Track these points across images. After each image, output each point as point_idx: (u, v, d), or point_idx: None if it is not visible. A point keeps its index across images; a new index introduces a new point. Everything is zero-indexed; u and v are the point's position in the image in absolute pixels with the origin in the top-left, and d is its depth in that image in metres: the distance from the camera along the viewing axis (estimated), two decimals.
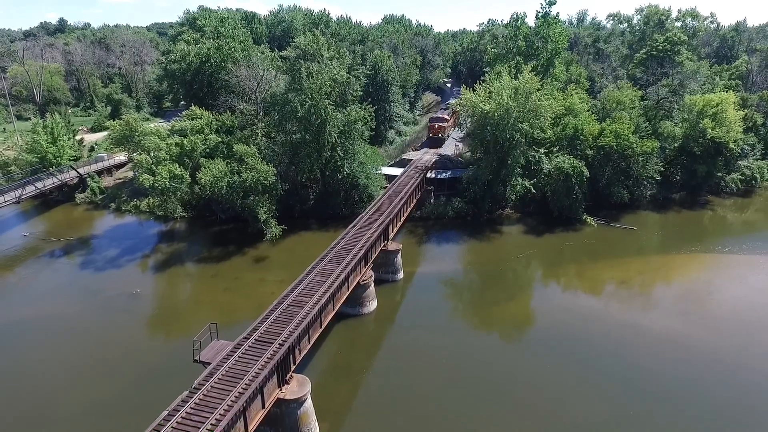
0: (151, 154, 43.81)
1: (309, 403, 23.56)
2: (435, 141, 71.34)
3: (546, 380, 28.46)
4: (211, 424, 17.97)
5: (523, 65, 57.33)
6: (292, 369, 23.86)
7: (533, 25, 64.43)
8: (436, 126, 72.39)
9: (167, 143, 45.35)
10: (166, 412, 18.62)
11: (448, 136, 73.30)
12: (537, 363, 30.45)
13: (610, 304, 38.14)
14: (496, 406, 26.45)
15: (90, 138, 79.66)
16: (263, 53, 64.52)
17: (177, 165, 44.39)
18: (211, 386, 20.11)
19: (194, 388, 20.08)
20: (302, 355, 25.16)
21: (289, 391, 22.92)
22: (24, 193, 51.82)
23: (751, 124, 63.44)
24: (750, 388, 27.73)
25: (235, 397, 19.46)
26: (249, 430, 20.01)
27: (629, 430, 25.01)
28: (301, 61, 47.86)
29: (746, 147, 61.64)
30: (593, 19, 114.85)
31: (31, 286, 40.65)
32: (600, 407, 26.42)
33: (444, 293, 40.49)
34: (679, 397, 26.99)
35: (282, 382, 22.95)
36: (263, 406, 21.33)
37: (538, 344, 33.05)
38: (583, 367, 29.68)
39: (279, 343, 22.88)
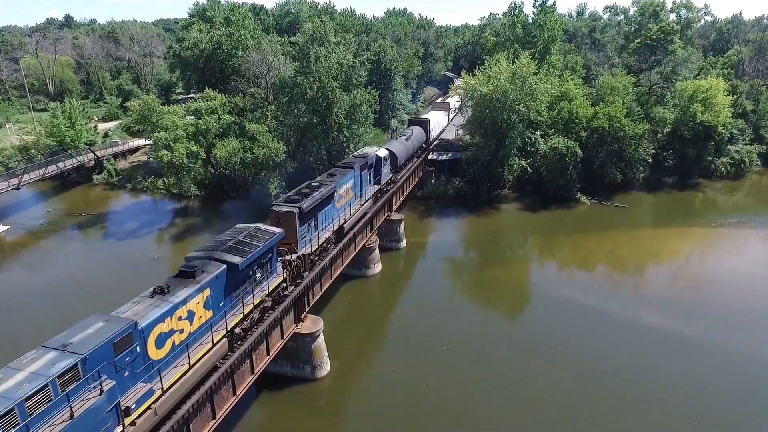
0: (169, 132, 46.56)
1: (321, 339, 26.33)
2: None
3: (537, 335, 31.24)
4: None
5: (520, 52, 59.86)
6: (307, 309, 26.59)
7: (531, 14, 67.23)
8: None
9: (183, 122, 48.16)
10: None
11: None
12: (531, 321, 33.63)
13: (600, 269, 40.98)
14: (489, 356, 29.00)
15: (102, 126, 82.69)
16: (272, 41, 67.12)
17: (193, 143, 47.16)
18: None
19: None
20: (315, 299, 27.87)
21: (304, 327, 25.73)
22: (47, 171, 54.77)
23: (741, 110, 66.00)
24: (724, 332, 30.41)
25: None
26: (270, 353, 22.78)
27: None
28: (310, 46, 50.51)
29: (736, 132, 64.15)
30: (592, 12, 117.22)
31: (62, 253, 43.74)
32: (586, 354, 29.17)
33: (444, 260, 43.24)
34: (662, 348, 29.63)
35: (298, 319, 25.72)
36: (282, 337, 24.06)
37: (531, 304, 36.11)
38: (567, 315, 32.44)
39: (295, 285, 25.57)
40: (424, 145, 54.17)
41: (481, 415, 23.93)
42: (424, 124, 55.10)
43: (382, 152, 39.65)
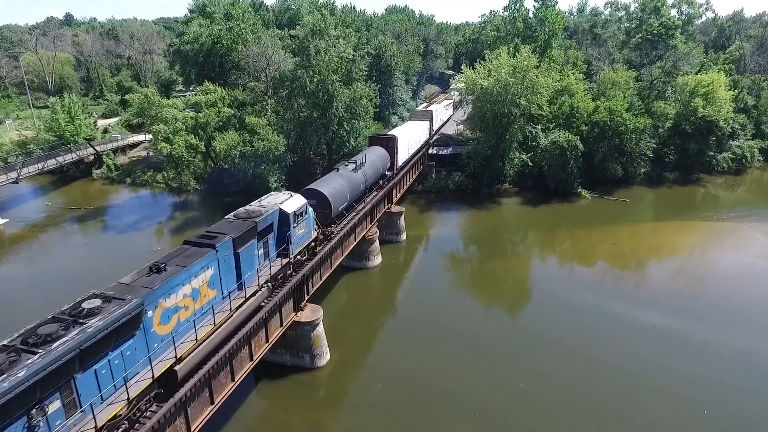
0: (169, 125, 46.40)
1: (321, 328, 26.15)
2: None
3: (538, 329, 31.04)
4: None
5: (521, 46, 59.68)
6: (306, 298, 26.41)
7: (532, 8, 67.19)
8: None
9: (183, 115, 48.00)
10: None
11: None
12: (532, 315, 33.61)
13: (601, 263, 40.78)
14: (489, 348, 28.78)
15: (102, 122, 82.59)
16: (272, 35, 67.03)
17: (192, 135, 46.98)
18: None
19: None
20: (315, 288, 27.69)
21: (304, 316, 25.57)
22: (46, 165, 54.65)
23: (742, 105, 65.76)
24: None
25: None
26: (269, 340, 22.60)
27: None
28: (310, 39, 50.32)
29: (737, 127, 63.89)
30: (593, 8, 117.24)
31: (61, 245, 43.82)
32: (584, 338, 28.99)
33: (444, 253, 43.10)
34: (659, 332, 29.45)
35: (297, 308, 25.55)
36: (281, 324, 23.89)
37: (532, 299, 36.03)
38: (568, 309, 32.27)
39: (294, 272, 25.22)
40: (387, 173, 40.10)
41: (481, 406, 23.71)
42: (390, 143, 40.60)
43: (293, 204, 23.89)
